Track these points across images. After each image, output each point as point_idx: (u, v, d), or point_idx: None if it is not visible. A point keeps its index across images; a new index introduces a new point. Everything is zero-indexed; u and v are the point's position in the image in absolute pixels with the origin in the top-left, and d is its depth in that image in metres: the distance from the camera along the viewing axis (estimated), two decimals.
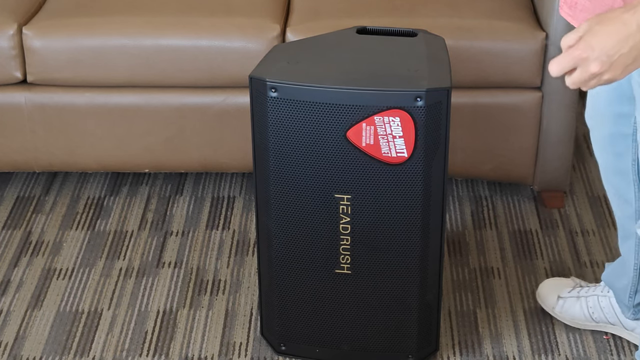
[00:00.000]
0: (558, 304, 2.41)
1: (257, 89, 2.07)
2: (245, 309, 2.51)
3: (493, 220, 2.81)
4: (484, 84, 2.70)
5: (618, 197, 2.22)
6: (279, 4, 2.82)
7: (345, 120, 2.03)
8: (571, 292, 2.41)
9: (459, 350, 2.38)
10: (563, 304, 2.40)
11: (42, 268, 2.65)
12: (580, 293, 2.40)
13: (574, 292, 2.41)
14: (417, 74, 2.06)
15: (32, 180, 2.99)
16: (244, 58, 2.67)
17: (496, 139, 2.76)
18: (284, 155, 2.09)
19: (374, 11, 2.73)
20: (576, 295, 2.40)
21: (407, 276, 2.19)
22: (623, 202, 2.21)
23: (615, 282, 2.33)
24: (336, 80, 2.04)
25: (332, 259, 2.19)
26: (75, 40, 2.70)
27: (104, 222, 2.81)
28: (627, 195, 2.19)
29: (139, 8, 2.76)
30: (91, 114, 2.77)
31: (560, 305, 2.41)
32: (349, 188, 2.10)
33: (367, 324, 2.26)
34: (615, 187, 2.21)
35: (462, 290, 2.56)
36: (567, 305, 2.40)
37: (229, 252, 2.70)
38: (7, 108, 2.77)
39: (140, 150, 2.81)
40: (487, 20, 2.68)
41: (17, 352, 2.38)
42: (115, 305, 2.52)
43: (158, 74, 2.71)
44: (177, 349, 2.39)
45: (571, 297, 2.40)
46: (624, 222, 2.24)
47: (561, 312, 2.41)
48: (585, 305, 2.39)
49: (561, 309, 2.41)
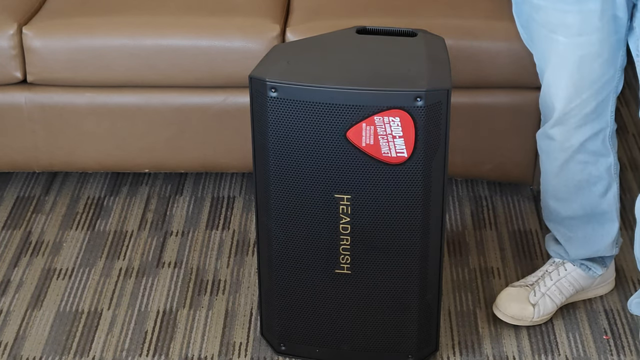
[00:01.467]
0: (535, 312, 2.41)
1: (257, 89, 2.07)
2: (245, 309, 2.51)
3: (493, 220, 2.81)
4: (484, 84, 2.70)
5: (594, 155, 2.32)
6: (279, 4, 2.82)
7: (345, 120, 2.03)
8: (537, 294, 2.42)
9: (459, 350, 2.38)
10: (539, 309, 2.41)
11: (42, 268, 2.64)
12: (542, 289, 2.43)
13: (538, 292, 2.42)
14: (417, 74, 2.06)
15: (32, 180, 3.00)
16: (244, 58, 2.67)
17: (496, 139, 2.76)
18: (284, 155, 2.09)
19: (374, 11, 2.73)
20: (542, 294, 2.42)
21: (407, 276, 2.19)
22: (602, 154, 2.31)
23: (593, 245, 2.42)
24: (336, 80, 2.04)
25: (332, 259, 2.19)
26: (75, 40, 2.70)
27: (104, 222, 2.81)
28: (604, 151, 2.31)
29: (139, 8, 2.77)
30: (91, 114, 2.77)
31: (537, 311, 2.41)
32: (349, 188, 2.10)
33: (367, 324, 2.25)
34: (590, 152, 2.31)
35: (462, 290, 2.56)
36: (542, 307, 2.41)
37: (229, 252, 2.70)
38: (7, 108, 2.77)
39: (140, 150, 2.81)
40: (487, 20, 2.68)
41: (17, 352, 2.38)
42: (115, 305, 2.52)
43: (158, 74, 2.71)
44: (177, 349, 2.39)
45: (540, 297, 2.41)
46: (603, 175, 2.34)
47: (540, 317, 2.41)
48: (554, 295, 2.42)
49: (539, 313, 2.41)
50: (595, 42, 2.14)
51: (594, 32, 2.13)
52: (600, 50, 2.16)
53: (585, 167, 2.30)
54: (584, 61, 2.17)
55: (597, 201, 2.35)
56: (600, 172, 2.31)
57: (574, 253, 2.43)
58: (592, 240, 2.41)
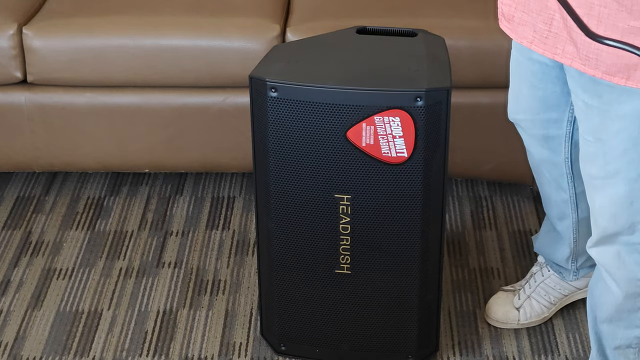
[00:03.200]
0: (521, 314, 2.41)
1: (257, 89, 2.07)
2: (245, 309, 2.51)
3: (493, 221, 2.81)
4: (484, 84, 2.70)
5: (552, 182, 2.26)
6: (279, 4, 2.82)
7: (345, 120, 2.03)
8: (521, 297, 2.42)
9: (459, 350, 2.38)
10: (524, 311, 2.41)
11: (42, 268, 2.65)
12: (527, 292, 2.43)
13: (522, 295, 2.42)
14: (417, 74, 2.06)
15: (32, 180, 3.00)
16: (244, 58, 2.67)
17: (496, 139, 2.76)
18: (284, 155, 2.09)
19: (374, 11, 2.73)
20: (526, 296, 2.42)
21: (407, 276, 2.19)
22: (557, 188, 2.26)
23: (553, 253, 2.39)
24: (336, 80, 2.04)
25: (332, 259, 2.19)
26: (75, 40, 2.70)
27: (104, 222, 2.81)
28: (562, 184, 2.25)
29: (139, 8, 2.77)
30: (91, 114, 2.77)
31: (523, 313, 2.41)
32: (348, 188, 2.10)
33: (367, 324, 2.26)
34: (549, 173, 2.25)
35: (462, 290, 2.56)
36: (527, 310, 2.41)
37: (229, 252, 2.70)
38: (7, 108, 2.77)
39: (140, 150, 2.81)
40: (487, 20, 2.68)
41: (17, 352, 2.38)
42: (115, 305, 2.52)
43: (158, 74, 2.71)
44: (177, 349, 2.39)
45: (524, 300, 2.41)
46: (560, 204, 2.29)
47: (527, 319, 2.41)
48: (540, 297, 2.42)
49: (525, 316, 2.41)
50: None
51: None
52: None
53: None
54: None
55: (558, 213, 2.33)
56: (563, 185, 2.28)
57: (539, 249, 2.44)
58: (550, 246, 2.40)
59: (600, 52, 1.74)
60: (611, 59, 1.74)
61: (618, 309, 1.99)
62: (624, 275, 1.94)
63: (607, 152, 1.85)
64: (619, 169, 1.84)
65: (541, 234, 2.43)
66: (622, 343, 2.03)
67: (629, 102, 1.77)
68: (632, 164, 1.82)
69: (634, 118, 1.78)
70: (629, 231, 1.89)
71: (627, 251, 1.91)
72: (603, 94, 1.80)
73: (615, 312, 2.00)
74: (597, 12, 1.70)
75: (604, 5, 1.69)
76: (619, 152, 1.83)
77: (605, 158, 1.85)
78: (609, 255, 1.94)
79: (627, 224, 1.88)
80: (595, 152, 1.87)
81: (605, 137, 1.84)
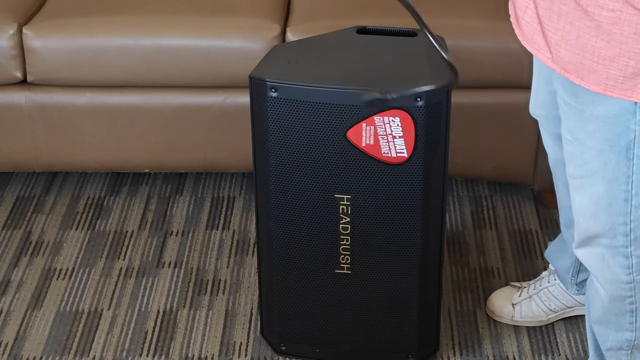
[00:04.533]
0: (516, 311, 2.41)
1: (257, 89, 2.07)
2: (245, 309, 2.51)
3: (493, 220, 2.81)
4: (484, 84, 2.70)
5: (565, 186, 2.24)
6: (279, 4, 2.82)
7: (345, 120, 2.03)
8: (522, 295, 2.42)
9: (459, 350, 2.38)
10: (520, 309, 2.41)
11: (42, 268, 2.65)
12: (530, 292, 2.43)
13: (524, 294, 2.42)
14: (417, 74, 2.06)
15: (32, 180, 2.99)
16: (244, 58, 2.67)
17: (496, 139, 2.76)
18: (284, 155, 2.09)
19: (374, 11, 2.73)
20: (527, 296, 2.41)
21: (407, 276, 2.19)
22: (568, 192, 2.23)
23: (557, 260, 2.38)
24: (336, 80, 2.04)
25: (332, 259, 2.19)
26: (75, 40, 2.70)
27: (104, 222, 2.81)
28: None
29: (139, 8, 2.76)
30: (91, 114, 2.77)
31: (518, 311, 2.41)
32: (348, 188, 2.10)
33: (367, 324, 2.26)
34: (562, 175, 2.22)
35: (462, 290, 2.56)
36: (524, 308, 2.41)
37: (229, 252, 2.70)
38: (7, 108, 2.77)
39: (140, 150, 2.81)
40: (487, 20, 2.68)
41: (17, 352, 2.38)
42: (115, 305, 2.52)
43: (158, 74, 2.71)
44: (177, 349, 2.39)
45: (523, 299, 2.41)
46: (568, 211, 2.26)
47: (521, 317, 2.41)
48: (540, 300, 2.41)
49: (520, 314, 2.41)
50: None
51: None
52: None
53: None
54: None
55: (566, 220, 2.31)
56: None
57: (547, 255, 2.43)
58: (555, 254, 2.40)
59: (559, 48, 1.74)
60: (568, 55, 1.73)
61: (606, 312, 1.98)
62: (608, 278, 1.93)
63: (584, 151, 1.84)
64: (596, 169, 1.83)
65: (554, 241, 2.42)
66: (614, 345, 2.02)
67: (603, 105, 1.76)
68: (609, 165, 1.81)
69: (608, 120, 1.77)
70: (610, 233, 1.88)
71: (611, 254, 1.90)
72: (579, 94, 1.79)
73: (604, 315, 1.99)
74: (557, 8, 1.72)
75: (564, 3, 1.70)
76: (595, 152, 1.82)
77: (583, 158, 1.84)
78: (593, 257, 1.93)
79: (607, 225, 1.87)
80: (573, 151, 1.86)
81: (582, 137, 1.83)
